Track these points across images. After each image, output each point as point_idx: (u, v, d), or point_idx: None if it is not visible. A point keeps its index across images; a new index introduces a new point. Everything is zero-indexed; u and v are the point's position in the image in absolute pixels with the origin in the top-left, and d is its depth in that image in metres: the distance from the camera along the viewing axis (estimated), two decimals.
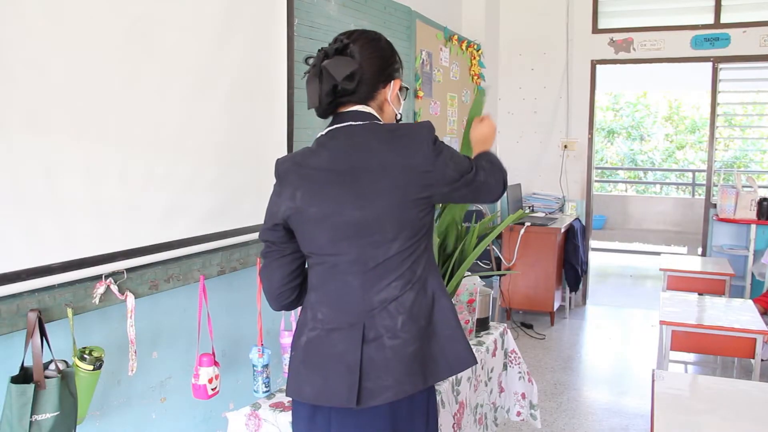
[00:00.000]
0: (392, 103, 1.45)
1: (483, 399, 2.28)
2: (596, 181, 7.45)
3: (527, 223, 4.87)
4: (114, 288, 1.67)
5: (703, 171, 7.45)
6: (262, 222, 1.45)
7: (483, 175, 1.42)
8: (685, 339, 2.88)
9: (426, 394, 1.40)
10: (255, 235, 2.22)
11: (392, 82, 1.44)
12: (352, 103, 1.39)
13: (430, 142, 1.33)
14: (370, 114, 1.40)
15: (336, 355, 1.33)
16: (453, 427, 1.94)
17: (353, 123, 1.37)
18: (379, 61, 1.40)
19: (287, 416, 1.69)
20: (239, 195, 2.15)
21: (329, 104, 1.38)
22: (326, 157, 1.36)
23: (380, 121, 1.41)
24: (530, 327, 4.93)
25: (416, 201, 1.33)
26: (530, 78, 5.57)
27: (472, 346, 2.22)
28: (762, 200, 4.97)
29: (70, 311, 1.54)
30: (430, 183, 1.33)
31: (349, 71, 1.34)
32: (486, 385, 2.31)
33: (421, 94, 3.93)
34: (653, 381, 2.04)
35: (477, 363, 1.52)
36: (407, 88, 1.55)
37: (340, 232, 1.34)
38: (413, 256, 1.36)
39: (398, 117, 1.49)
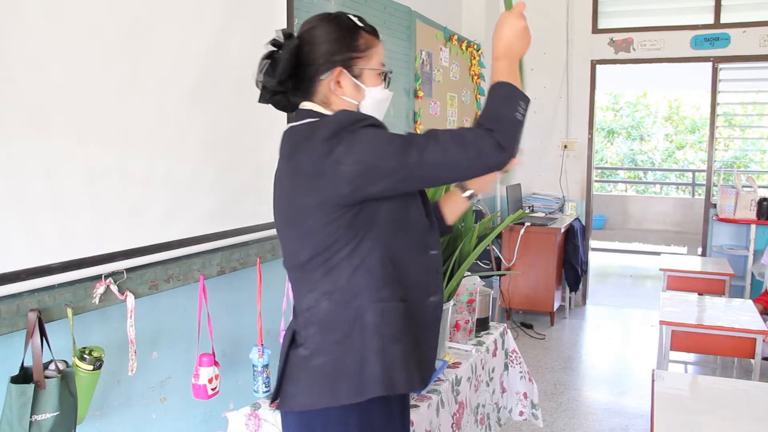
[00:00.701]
0: (337, 93, 1.29)
1: (485, 399, 2.28)
2: (596, 181, 7.45)
3: (527, 223, 4.87)
4: (114, 288, 1.67)
5: (703, 171, 7.45)
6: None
7: (416, 155, 1.15)
8: (685, 339, 2.87)
9: (344, 411, 1.24)
10: (255, 235, 2.22)
11: (335, 70, 1.28)
12: (300, 100, 1.32)
13: (324, 139, 1.18)
14: (308, 112, 1.30)
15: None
16: (452, 427, 1.94)
17: (291, 124, 1.30)
18: (316, 49, 1.27)
19: None
20: (239, 195, 2.15)
21: (268, 100, 1.33)
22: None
23: (317, 118, 1.27)
24: (530, 327, 4.93)
25: (314, 208, 1.21)
26: (530, 78, 5.56)
27: (472, 346, 2.23)
28: (762, 200, 4.97)
29: (70, 311, 1.54)
30: (322, 187, 1.19)
31: (259, 69, 1.28)
32: (488, 386, 2.30)
33: (421, 94, 3.93)
34: (653, 381, 2.04)
35: (392, 392, 1.25)
36: (387, 72, 1.35)
37: (280, 239, 1.36)
38: (328, 265, 1.24)
39: (358, 108, 1.32)
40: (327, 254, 1.24)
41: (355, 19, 1.31)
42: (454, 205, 1.55)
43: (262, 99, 1.32)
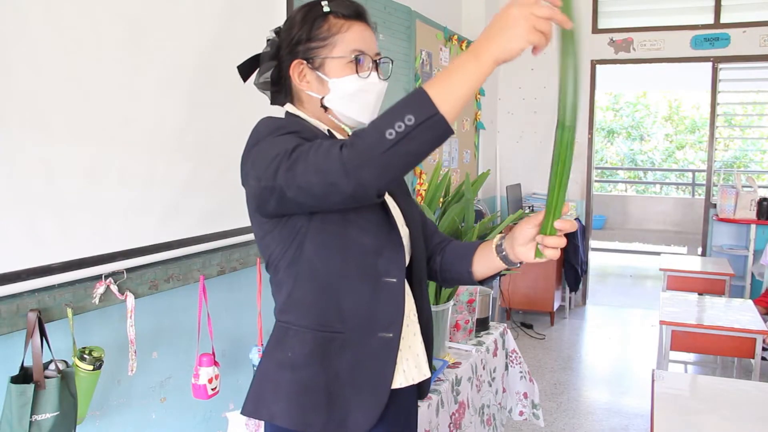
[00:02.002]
0: (304, 88, 1.19)
1: (489, 400, 2.28)
2: (596, 181, 7.46)
3: None
4: (114, 288, 1.67)
5: (703, 171, 7.45)
6: None
7: (283, 174, 0.99)
8: (685, 339, 2.88)
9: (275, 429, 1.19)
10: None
11: (293, 63, 1.18)
12: (287, 99, 1.26)
13: (245, 151, 1.13)
14: (288, 114, 1.24)
15: None
16: (449, 427, 1.94)
17: None
18: (284, 43, 1.20)
19: None
20: (239, 195, 2.13)
21: (275, 102, 1.27)
22: None
23: (297, 117, 1.22)
24: (530, 327, 4.93)
25: (253, 219, 1.19)
26: (530, 78, 5.57)
27: (472, 346, 2.23)
28: (762, 200, 4.97)
29: (70, 311, 1.54)
30: (246, 196, 1.16)
31: (246, 71, 1.25)
32: (490, 386, 2.30)
33: None
34: (653, 381, 2.04)
35: (271, 421, 1.17)
36: (374, 61, 1.19)
37: None
38: (276, 279, 1.20)
39: (322, 104, 1.19)
40: (272, 267, 1.20)
41: (325, 4, 1.17)
42: (485, 258, 1.26)
43: (272, 101, 1.28)
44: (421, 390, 1.31)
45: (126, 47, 1.69)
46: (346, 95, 1.17)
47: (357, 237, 1.14)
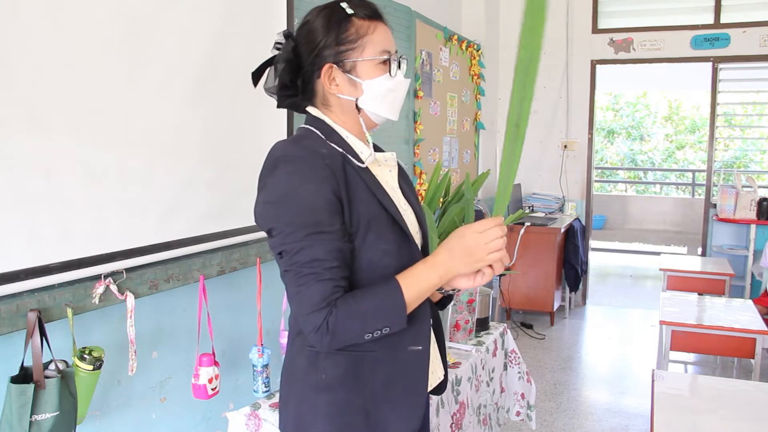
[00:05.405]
0: (334, 92, 1.17)
1: (486, 399, 2.28)
2: (596, 181, 7.46)
3: (527, 223, 4.87)
4: (114, 288, 1.66)
5: (703, 171, 7.45)
6: None
7: (286, 279, 1.10)
8: (684, 339, 2.88)
9: None
10: (255, 235, 2.22)
11: (323, 68, 1.16)
12: (307, 103, 1.23)
13: (266, 173, 1.14)
14: (311, 117, 1.21)
15: None
16: (451, 427, 1.94)
17: (277, 142, 1.19)
18: (307, 48, 1.17)
19: None
20: (239, 195, 2.15)
21: (284, 105, 1.24)
22: None
23: (319, 122, 1.20)
24: (530, 327, 4.93)
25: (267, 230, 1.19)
26: None
27: (472, 346, 2.23)
28: (762, 200, 4.97)
29: (69, 311, 1.54)
30: (255, 216, 1.18)
31: (266, 76, 1.21)
32: (488, 386, 2.30)
33: (421, 94, 3.93)
34: (653, 381, 2.04)
35: None
36: (398, 58, 1.20)
37: None
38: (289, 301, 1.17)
39: (356, 106, 1.18)
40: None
41: (346, 6, 1.16)
42: None
43: (279, 104, 1.24)
44: (438, 389, 1.34)
45: (126, 47, 1.69)
46: (378, 96, 1.18)
47: (380, 259, 1.14)
